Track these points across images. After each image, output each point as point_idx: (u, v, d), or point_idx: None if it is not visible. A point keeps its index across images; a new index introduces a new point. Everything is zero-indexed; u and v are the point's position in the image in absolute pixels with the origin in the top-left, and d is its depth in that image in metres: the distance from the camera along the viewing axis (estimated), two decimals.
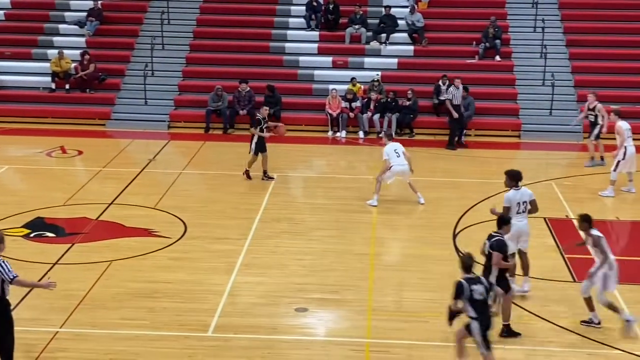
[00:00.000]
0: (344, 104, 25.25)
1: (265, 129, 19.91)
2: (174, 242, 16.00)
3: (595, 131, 21.66)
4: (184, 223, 17.01)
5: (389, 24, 27.96)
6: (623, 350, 12.03)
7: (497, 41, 27.22)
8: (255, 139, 19.82)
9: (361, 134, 25.07)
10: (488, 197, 18.76)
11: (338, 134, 25.07)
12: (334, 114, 25.06)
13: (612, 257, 12.49)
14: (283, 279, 14.17)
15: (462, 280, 10.78)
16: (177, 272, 14.59)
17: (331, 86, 25.80)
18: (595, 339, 12.33)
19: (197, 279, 14.28)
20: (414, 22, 27.96)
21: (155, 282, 14.12)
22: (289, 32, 28.49)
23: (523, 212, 13.51)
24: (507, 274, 12.34)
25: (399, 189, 19.52)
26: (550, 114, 25.45)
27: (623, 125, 19.21)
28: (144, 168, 21.14)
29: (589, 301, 12.63)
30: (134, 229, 16.66)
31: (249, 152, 19.96)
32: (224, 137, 24.91)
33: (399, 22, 28.10)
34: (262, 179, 19.86)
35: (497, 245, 11.87)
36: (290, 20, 28.92)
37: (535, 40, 27.78)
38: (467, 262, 10.93)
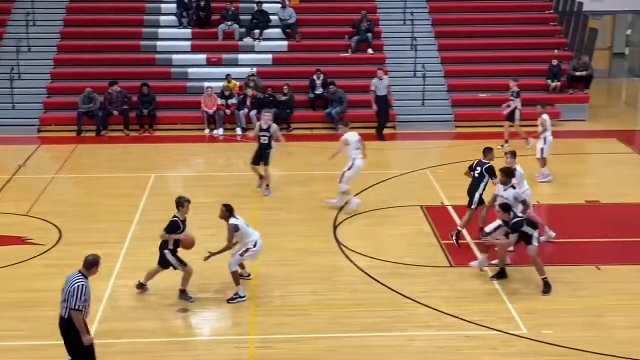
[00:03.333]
0: (220, 101, 25.11)
1: None
2: (49, 249, 15.59)
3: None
4: (59, 229, 16.57)
5: (261, 19, 27.96)
6: (500, 331, 12.43)
7: (369, 34, 27.61)
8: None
9: (239, 131, 24.98)
10: (366, 188, 19.03)
11: (215, 132, 24.91)
12: (210, 112, 24.89)
13: None
14: (163, 281, 13.98)
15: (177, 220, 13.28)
16: (53, 279, 14.12)
17: (206, 84, 25.58)
18: (471, 321, 12.70)
19: None
20: (286, 18, 28.06)
21: (31, 290, 13.75)
22: (160, 30, 28.09)
23: None
24: None
25: (277, 183, 19.56)
26: (422, 104, 25.99)
27: None
28: (14, 174, 20.46)
29: None
30: (6, 237, 16.14)
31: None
32: (97, 139, 24.35)
33: (272, 17, 28.14)
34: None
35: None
36: (161, 18, 28.51)
37: (405, 32, 28.30)
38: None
